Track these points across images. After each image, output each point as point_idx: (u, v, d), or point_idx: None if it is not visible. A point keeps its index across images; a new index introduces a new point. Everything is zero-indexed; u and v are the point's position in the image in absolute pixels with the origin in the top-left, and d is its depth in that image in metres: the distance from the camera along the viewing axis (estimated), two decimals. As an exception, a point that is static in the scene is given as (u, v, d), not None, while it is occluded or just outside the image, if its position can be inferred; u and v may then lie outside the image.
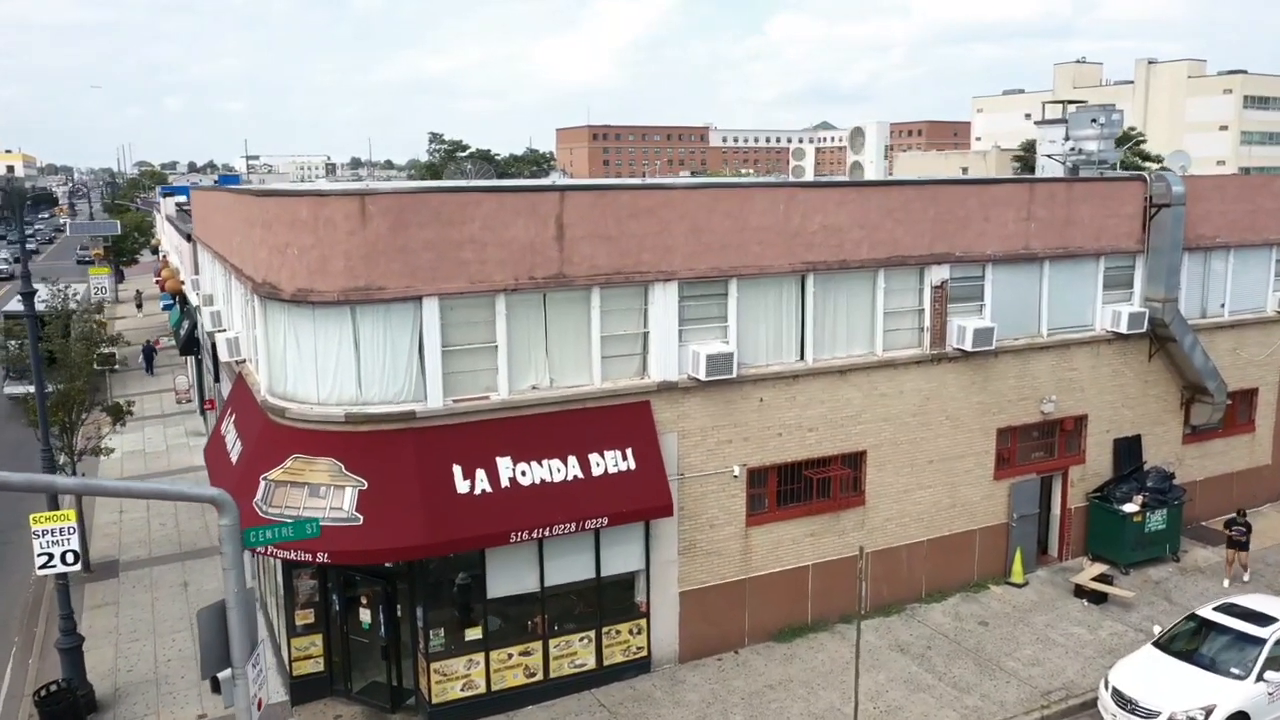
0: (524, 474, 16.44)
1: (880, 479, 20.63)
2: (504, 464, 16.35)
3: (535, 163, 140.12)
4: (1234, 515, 22.80)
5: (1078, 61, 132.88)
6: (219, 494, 10.95)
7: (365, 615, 17.22)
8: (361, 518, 15.27)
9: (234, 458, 18.00)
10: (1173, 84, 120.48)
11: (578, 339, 17.34)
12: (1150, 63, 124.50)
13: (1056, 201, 21.69)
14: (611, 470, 17.09)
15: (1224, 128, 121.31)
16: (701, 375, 17.85)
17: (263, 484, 15.72)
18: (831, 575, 20.27)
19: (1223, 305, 25.38)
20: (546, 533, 16.33)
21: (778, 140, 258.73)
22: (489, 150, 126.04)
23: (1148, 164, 69.68)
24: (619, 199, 17.19)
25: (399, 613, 17.06)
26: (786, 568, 19.83)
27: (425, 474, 15.78)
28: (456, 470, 16.02)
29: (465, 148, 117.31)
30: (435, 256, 15.79)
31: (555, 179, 49.36)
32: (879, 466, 20.55)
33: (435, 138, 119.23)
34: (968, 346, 20.68)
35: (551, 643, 17.57)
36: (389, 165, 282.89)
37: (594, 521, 16.69)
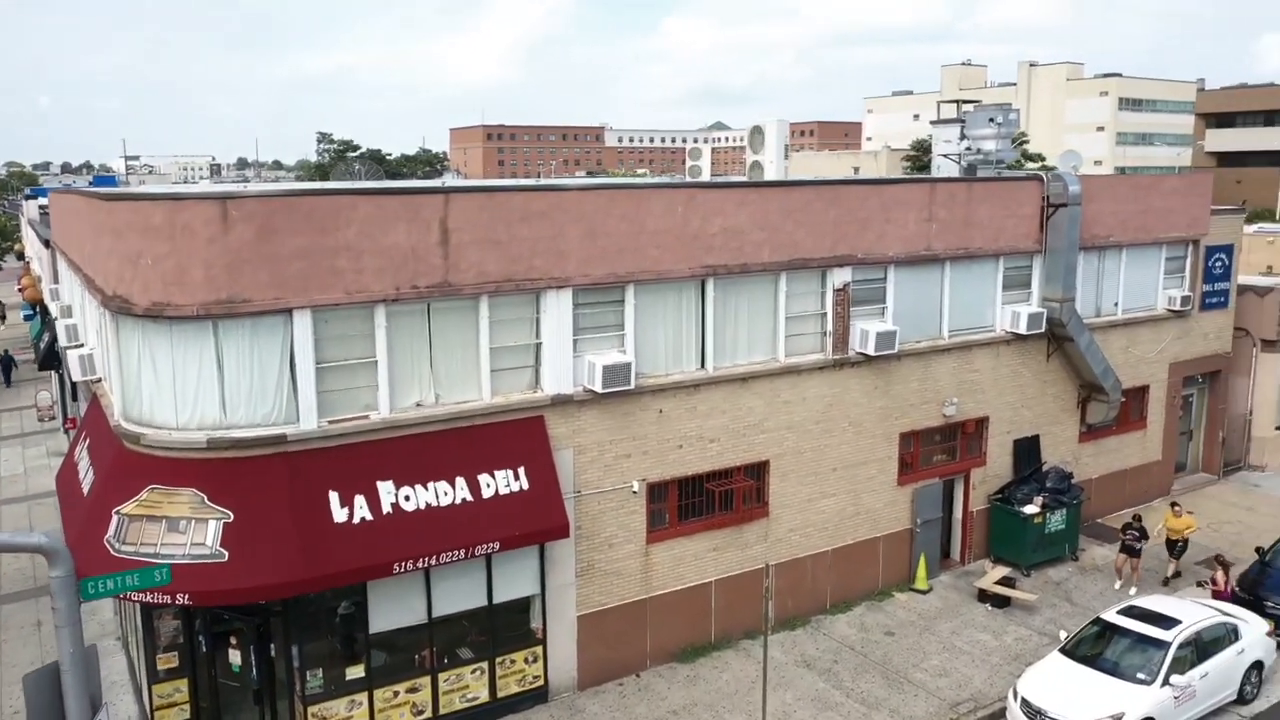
0: (408, 499, 15.27)
1: (784, 489, 20.01)
2: (386, 489, 15.15)
3: (428, 163, 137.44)
4: (1129, 520, 22.71)
5: (963, 64, 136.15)
6: (47, 542, 9.59)
7: (235, 656, 15.81)
8: (227, 553, 13.91)
9: (85, 488, 16.37)
10: (1053, 86, 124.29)
11: (465, 352, 16.24)
12: (1032, 65, 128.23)
13: (957, 202, 21.39)
14: (503, 491, 16.03)
15: (1101, 128, 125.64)
16: (598, 387, 16.92)
17: (115, 519, 14.21)
18: (735, 590, 19.56)
19: (1116, 304, 25.54)
20: (434, 561, 15.20)
21: (673, 140, 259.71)
22: (380, 150, 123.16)
23: (1029, 164, 71.41)
24: (509, 201, 16.15)
25: (272, 652, 15.70)
26: (689, 585, 19.04)
27: (298, 503, 14.48)
28: (333, 497, 14.76)
29: (356, 148, 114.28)
30: (307, 265, 14.51)
31: (448, 180, 47.91)
32: (782, 476, 19.92)
33: (324, 137, 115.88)
34: (870, 350, 20.21)
35: (441, 677, 16.42)
36: (278, 166, 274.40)
37: (485, 547, 15.62)
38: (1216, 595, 20.51)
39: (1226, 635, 17.59)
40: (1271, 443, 30.19)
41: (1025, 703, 16.56)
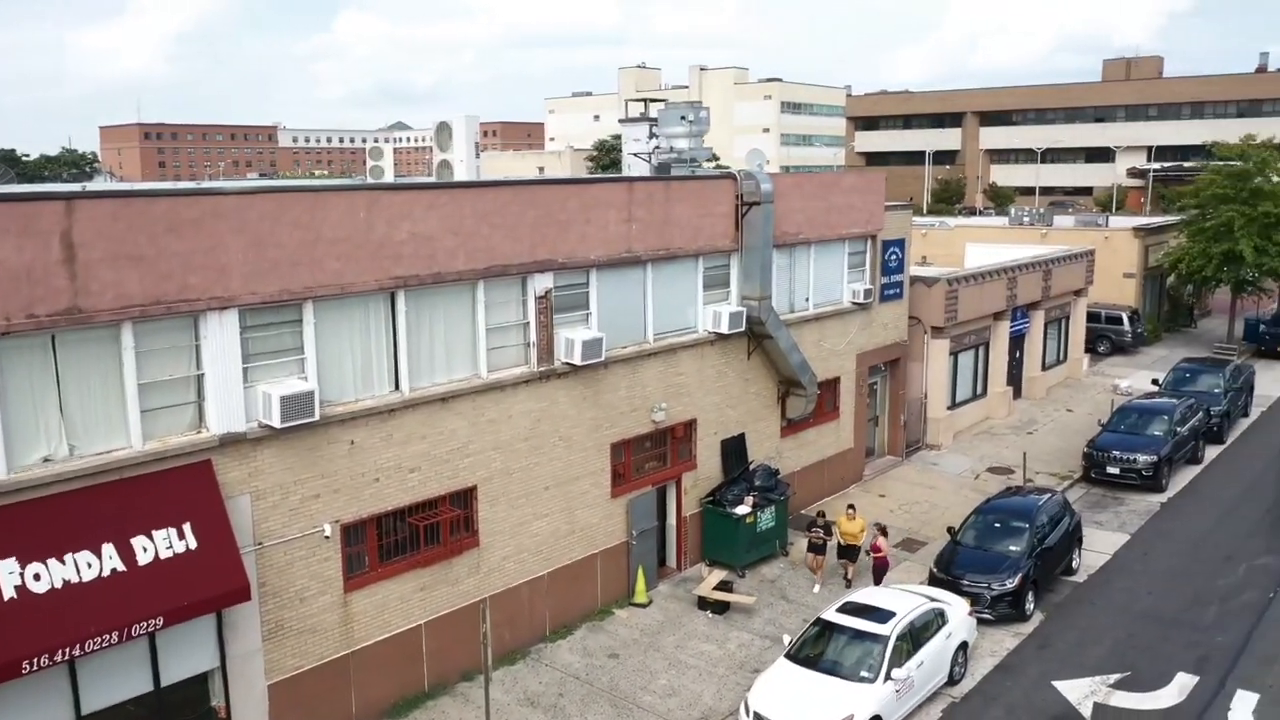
0: (38, 578, 12.39)
1: (494, 515, 18.51)
2: (5, 568, 12.20)
3: (75, 165, 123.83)
4: (814, 518, 22.70)
5: (639, 66, 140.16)
6: None
7: None
8: None
9: None
10: (722, 89, 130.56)
11: (106, 391, 13.47)
12: (702, 69, 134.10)
13: (655, 201, 20.75)
14: (165, 554, 13.44)
15: (766, 130, 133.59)
16: (276, 421, 14.64)
17: None
18: (448, 631, 17.85)
19: (807, 299, 26.08)
20: (77, 651, 12.42)
21: (352, 140, 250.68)
22: (13, 151, 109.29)
23: (707, 164, 73.87)
24: (151, 209, 13.55)
25: None
26: (396, 631, 17.12)
27: (-121, 600, 11.30)
28: (-70, 587, 11.68)
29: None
30: (-125, 295, 11.34)
31: (99, 185, 42.32)
32: (492, 501, 18.42)
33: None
34: (577, 360, 19.13)
35: (98, 784, 13.61)
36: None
37: (145, 625, 13.00)
38: (878, 564, 21.28)
39: (935, 620, 18.01)
40: (945, 422, 32.27)
41: (757, 716, 16.06)
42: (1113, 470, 28.39)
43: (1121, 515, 26.61)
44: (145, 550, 13.30)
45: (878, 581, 21.17)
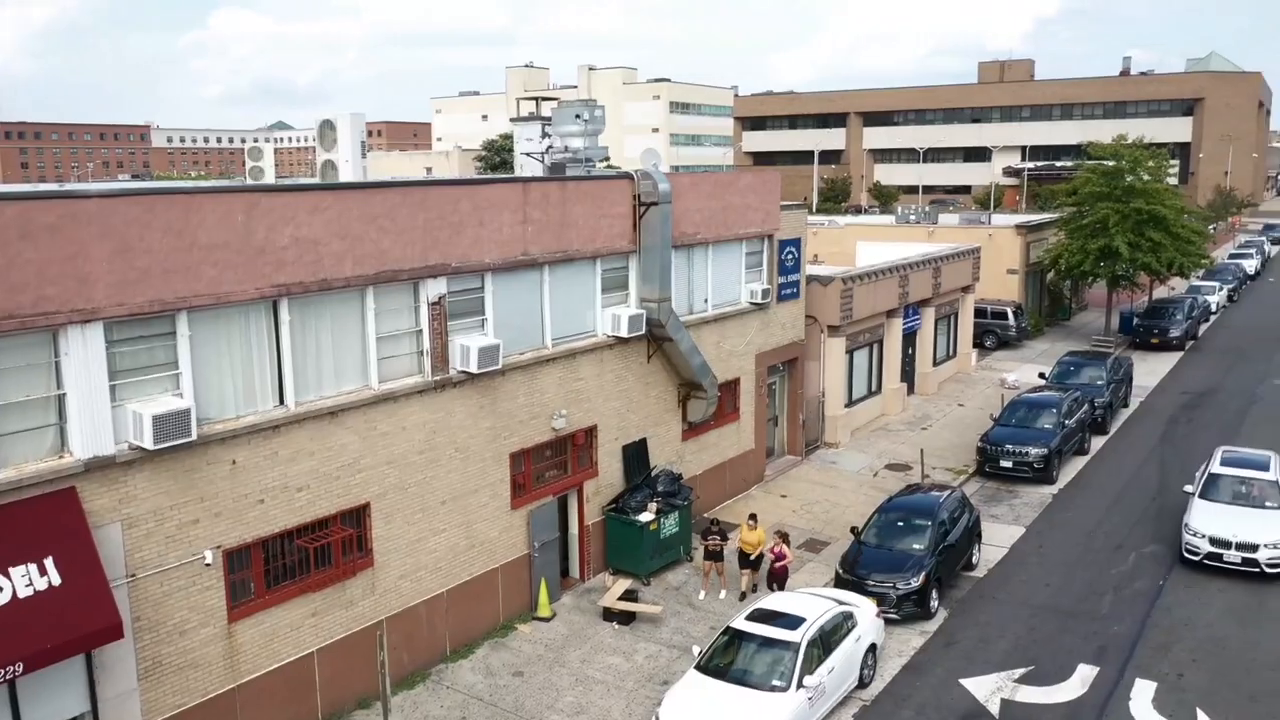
0: (-126, 625, 11.14)
1: (389, 532, 17.63)
2: None
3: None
4: (708, 525, 22.19)
5: (527, 66, 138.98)
6: None
7: None
8: None
9: None
10: (611, 89, 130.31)
11: (-48, 414, 12.23)
12: (591, 69, 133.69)
13: (551, 202, 20.12)
14: (24, 593, 12.28)
15: (656, 129, 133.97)
16: (148, 442, 13.54)
17: None
18: (342, 657, 16.91)
19: (706, 300, 25.78)
20: (-78, 704, 11.22)
21: (231, 140, 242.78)
22: None
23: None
24: (2, 214, 12.35)
25: None
26: (286, 661, 16.11)
27: None
28: None
29: None
30: None
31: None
32: (386, 518, 17.54)
33: None
34: (473, 368, 18.37)
35: None
36: None
37: (3, 672, 11.82)
38: (777, 569, 20.88)
39: (845, 624, 17.83)
40: (842, 420, 32.41)
41: (669, 732, 15.61)
42: (1006, 464, 28.87)
43: (1016, 508, 27.04)
44: (1, 590, 12.11)
45: (780, 588, 20.79)
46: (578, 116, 23.37)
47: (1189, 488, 24.46)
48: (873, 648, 18.36)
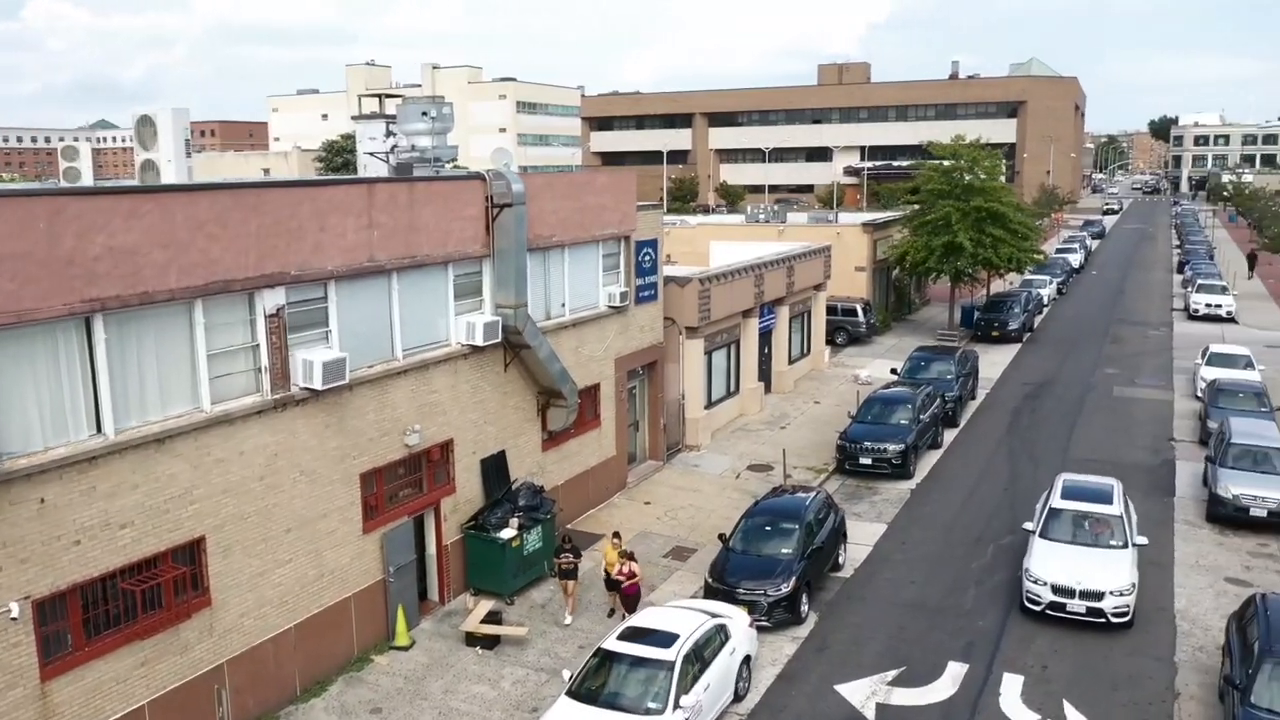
0: None
1: (228, 567, 16.13)
2: None
3: None
4: (560, 542, 21.31)
5: (368, 64, 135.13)
6: None
7: None
8: None
9: None
10: (457, 88, 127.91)
11: None
12: (435, 68, 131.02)
13: (399, 205, 18.92)
14: None
15: (503, 129, 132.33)
16: (-63, 484, 11.83)
17: None
18: (178, 708, 15.33)
19: (564, 305, 24.93)
20: None
21: (48, 140, 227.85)
22: None
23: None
24: None
25: None
26: (113, 718, 14.48)
27: None
28: None
29: None
30: None
31: None
32: (224, 552, 16.03)
33: None
34: (317, 384, 17.04)
35: None
36: None
37: None
38: (628, 591, 19.94)
39: (718, 637, 17.28)
40: (703, 422, 32.10)
41: (539, 765, 14.72)
42: (865, 461, 29.04)
43: (877, 505, 27.21)
44: None
45: (630, 611, 19.74)
46: (424, 114, 22.19)
47: (1029, 524, 22.14)
48: (747, 659, 17.89)
